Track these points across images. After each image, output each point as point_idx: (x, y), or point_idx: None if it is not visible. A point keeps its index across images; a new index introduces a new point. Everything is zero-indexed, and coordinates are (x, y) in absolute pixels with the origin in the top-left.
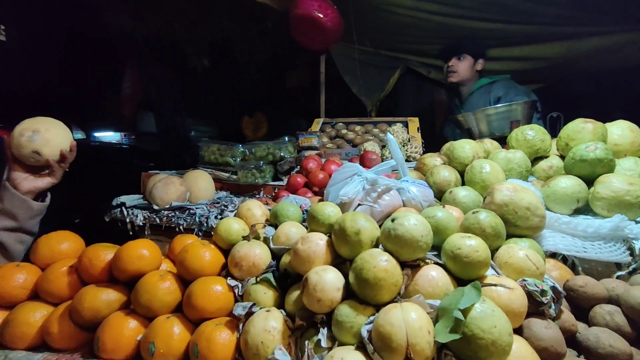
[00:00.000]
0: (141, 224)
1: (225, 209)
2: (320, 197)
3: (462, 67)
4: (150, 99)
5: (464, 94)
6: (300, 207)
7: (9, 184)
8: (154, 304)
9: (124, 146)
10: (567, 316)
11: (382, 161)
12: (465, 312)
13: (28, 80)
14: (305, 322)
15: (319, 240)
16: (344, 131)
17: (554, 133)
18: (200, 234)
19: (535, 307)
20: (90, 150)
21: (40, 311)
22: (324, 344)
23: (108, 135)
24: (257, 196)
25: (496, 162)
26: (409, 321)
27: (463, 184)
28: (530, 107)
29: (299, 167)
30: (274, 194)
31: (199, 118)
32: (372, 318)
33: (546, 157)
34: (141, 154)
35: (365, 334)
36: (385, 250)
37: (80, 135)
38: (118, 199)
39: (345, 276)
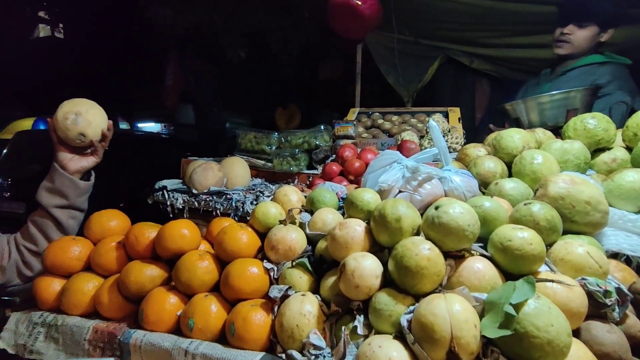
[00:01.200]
0: (181, 206)
1: (261, 194)
2: (356, 185)
3: (580, 37)
4: (189, 91)
5: (557, 71)
6: (337, 194)
7: (58, 165)
8: (193, 282)
9: (164, 136)
10: (634, 321)
11: (419, 150)
12: (517, 307)
13: (78, 74)
14: (341, 308)
15: (357, 227)
16: (380, 121)
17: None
18: (236, 218)
19: (597, 309)
20: (134, 140)
21: (92, 282)
22: (360, 331)
23: (149, 126)
24: (292, 184)
25: (550, 153)
26: (453, 313)
27: (510, 176)
28: (592, 95)
29: (334, 155)
30: (308, 182)
31: (233, 109)
32: (412, 308)
33: (609, 148)
34: (179, 144)
35: (405, 323)
36: (427, 238)
37: (125, 126)
38: (160, 182)
39: (384, 264)
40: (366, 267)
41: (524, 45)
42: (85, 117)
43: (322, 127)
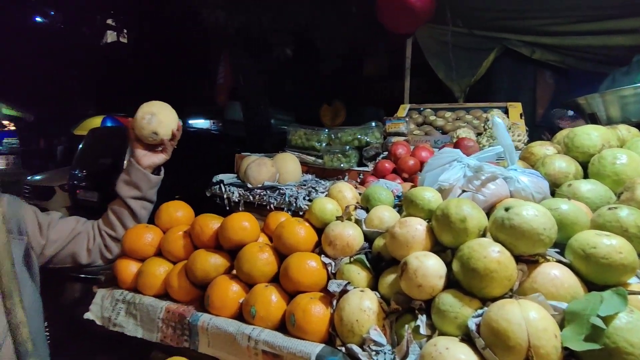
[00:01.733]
0: (236, 200)
1: (313, 190)
2: (412, 184)
3: None
4: (238, 89)
5: None
6: (392, 191)
7: (133, 160)
8: (254, 272)
9: (213, 132)
10: None
11: (479, 149)
12: (606, 320)
13: (138, 75)
14: (401, 307)
15: (418, 225)
16: (433, 117)
17: None
18: (289, 212)
19: None
20: (187, 136)
21: (163, 266)
22: (423, 330)
23: (199, 123)
24: (342, 180)
25: (636, 153)
26: (530, 320)
27: (585, 177)
28: None
29: (385, 152)
30: (358, 179)
31: (278, 106)
32: (480, 311)
33: None
34: (228, 140)
35: (473, 327)
36: (496, 241)
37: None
38: (217, 176)
39: (446, 265)
40: (429, 267)
41: (594, 32)
42: (159, 118)
43: (373, 124)
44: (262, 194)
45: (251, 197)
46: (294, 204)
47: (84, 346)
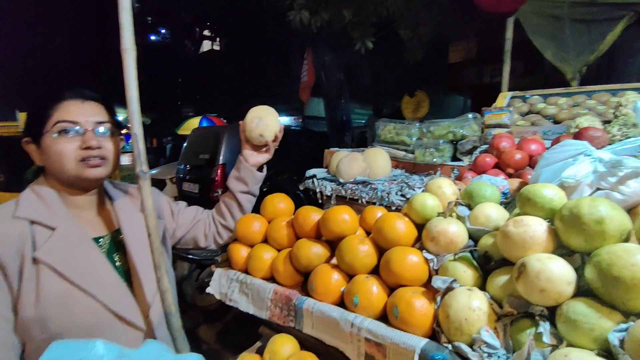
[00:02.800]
0: (329, 194)
1: (405, 185)
2: (521, 180)
3: None
4: (319, 85)
5: None
6: (498, 188)
7: (242, 158)
8: (356, 263)
9: (294, 128)
10: None
11: (609, 141)
12: None
13: (229, 79)
14: (517, 311)
15: (538, 225)
16: (541, 105)
17: None
18: (381, 207)
19: None
20: None
21: (269, 252)
22: (546, 339)
23: (281, 120)
24: (434, 176)
25: None
26: None
27: None
28: None
29: (484, 146)
30: (452, 175)
31: (355, 101)
32: (624, 325)
33: None
34: (309, 135)
35: (616, 341)
36: None
37: None
38: (310, 171)
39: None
40: (555, 271)
41: None
42: (265, 122)
43: (470, 115)
44: (354, 188)
45: (343, 191)
46: (386, 199)
47: (192, 316)
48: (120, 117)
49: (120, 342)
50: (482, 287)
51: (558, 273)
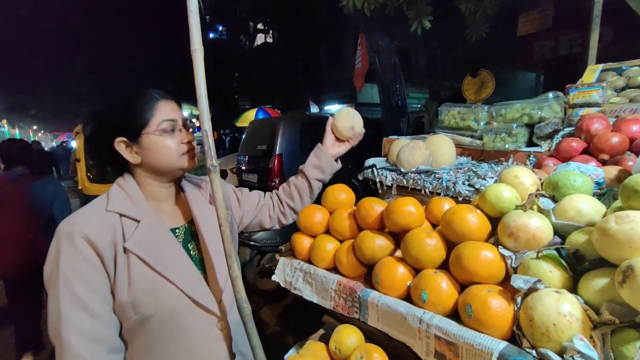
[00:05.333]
0: (390, 184)
1: (473, 174)
2: (621, 169)
3: None
4: (373, 70)
5: None
6: (590, 177)
7: (323, 148)
8: (423, 257)
9: None
10: None
11: None
12: None
13: (284, 71)
14: (620, 320)
15: None
16: None
17: None
18: (446, 198)
19: None
20: (325, 121)
21: (331, 243)
22: None
23: (334, 108)
24: (506, 163)
25: None
26: None
27: None
28: None
29: (568, 129)
30: (528, 162)
31: (409, 85)
32: None
33: None
34: (363, 123)
35: None
36: None
37: (315, 109)
38: (369, 160)
39: None
40: None
41: None
42: (358, 118)
43: (550, 95)
44: (416, 178)
45: (404, 181)
46: (452, 189)
47: (253, 300)
48: (185, 112)
49: (197, 325)
50: (572, 290)
51: None
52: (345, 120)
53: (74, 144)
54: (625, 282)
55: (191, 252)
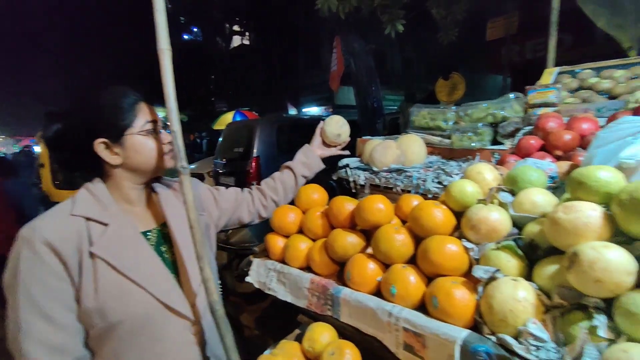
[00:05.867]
0: (363, 183)
1: (442, 172)
2: (572, 163)
3: None
4: (349, 73)
5: None
6: (544, 172)
7: (312, 148)
8: (392, 252)
9: (325, 118)
10: None
11: None
12: None
13: (260, 73)
14: (568, 302)
15: (591, 211)
16: (594, 80)
17: None
18: (417, 195)
19: None
20: (303, 123)
21: (304, 242)
22: (602, 333)
23: (312, 110)
24: (473, 161)
25: None
26: None
27: None
28: None
29: (528, 127)
30: (493, 159)
31: (385, 87)
32: None
33: None
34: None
35: None
36: None
37: (293, 111)
38: (342, 160)
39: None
40: (613, 260)
41: None
42: (347, 127)
43: (511, 96)
44: (388, 176)
45: (377, 180)
46: (422, 187)
47: (232, 303)
48: (161, 114)
49: (170, 330)
50: (528, 277)
51: (616, 262)
52: (334, 128)
53: (37, 148)
54: (571, 267)
55: (164, 255)
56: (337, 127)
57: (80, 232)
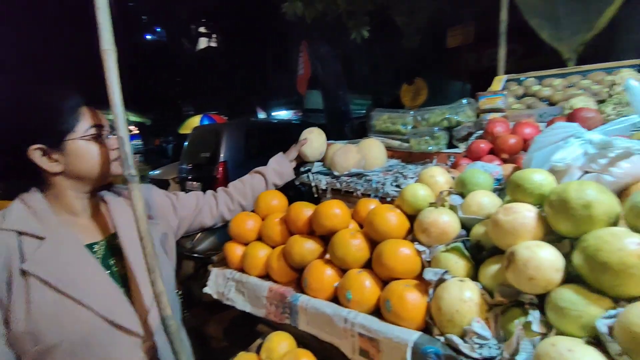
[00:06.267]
0: (324, 187)
1: (400, 176)
2: (515, 166)
3: None
4: (317, 77)
5: None
6: (491, 175)
7: (287, 157)
8: (348, 257)
9: (294, 122)
10: None
11: (603, 121)
12: None
13: (228, 76)
14: (508, 300)
15: (527, 212)
16: (536, 87)
17: None
18: (376, 199)
19: None
20: (272, 127)
21: (263, 249)
22: (536, 328)
23: (281, 114)
24: (430, 164)
25: None
26: None
27: None
28: None
29: (480, 132)
30: (449, 162)
31: (353, 91)
32: (613, 312)
33: None
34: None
35: (604, 329)
36: (635, 231)
37: (262, 115)
38: (305, 165)
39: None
40: (544, 258)
41: None
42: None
43: (464, 101)
44: (348, 181)
45: (338, 184)
46: (381, 190)
47: (199, 313)
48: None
49: (117, 350)
50: (475, 277)
51: (546, 260)
52: (313, 155)
53: None
54: (509, 266)
55: (112, 268)
56: (317, 154)
57: (11, 248)
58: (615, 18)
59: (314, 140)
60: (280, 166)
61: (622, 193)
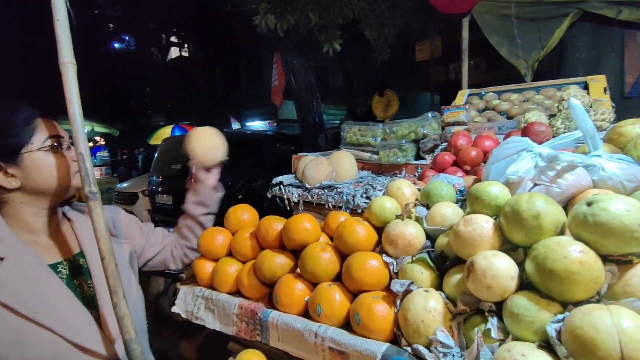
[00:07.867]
0: (296, 200)
1: (370, 188)
2: (476, 177)
3: None
4: (290, 88)
5: None
6: (454, 186)
7: (201, 183)
8: (318, 271)
9: (268, 133)
10: None
11: (553, 134)
12: None
13: (200, 86)
14: (469, 308)
15: (485, 223)
16: (496, 102)
17: None
18: (347, 211)
19: None
20: (245, 138)
21: (234, 265)
22: (494, 334)
23: (256, 125)
24: (399, 176)
25: None
26: (623, 329)
27: None
28: None
29: (444, 144)
30: (416, 174)
31: (329, 102)
32: (561, 316)
33: None
34: (283, 139)
35: (553, 333)
36: (577, 239)
37: (237, 125)
38: (277, 178)
39: (518, 264)
40: (500, 268)
41: None
42: (216, 145)
43: (429, 114)
44: (320, 193)
45: (310, 197)
46: (352, 202)
47: (169, 333)
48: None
49: None
50: (440, 287)
51: (502, 269)
52: (204, 155)
53: None
54: (469, 275)
55: (78, 289)
56: (208, 152)
57: None
58: (563, 38)
59: (214, 140)
60: (198, 195)
61: (568, 203)
